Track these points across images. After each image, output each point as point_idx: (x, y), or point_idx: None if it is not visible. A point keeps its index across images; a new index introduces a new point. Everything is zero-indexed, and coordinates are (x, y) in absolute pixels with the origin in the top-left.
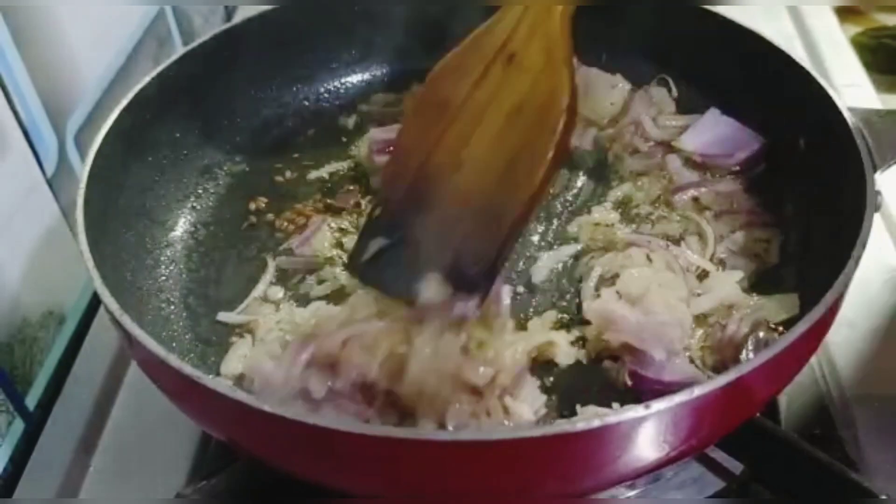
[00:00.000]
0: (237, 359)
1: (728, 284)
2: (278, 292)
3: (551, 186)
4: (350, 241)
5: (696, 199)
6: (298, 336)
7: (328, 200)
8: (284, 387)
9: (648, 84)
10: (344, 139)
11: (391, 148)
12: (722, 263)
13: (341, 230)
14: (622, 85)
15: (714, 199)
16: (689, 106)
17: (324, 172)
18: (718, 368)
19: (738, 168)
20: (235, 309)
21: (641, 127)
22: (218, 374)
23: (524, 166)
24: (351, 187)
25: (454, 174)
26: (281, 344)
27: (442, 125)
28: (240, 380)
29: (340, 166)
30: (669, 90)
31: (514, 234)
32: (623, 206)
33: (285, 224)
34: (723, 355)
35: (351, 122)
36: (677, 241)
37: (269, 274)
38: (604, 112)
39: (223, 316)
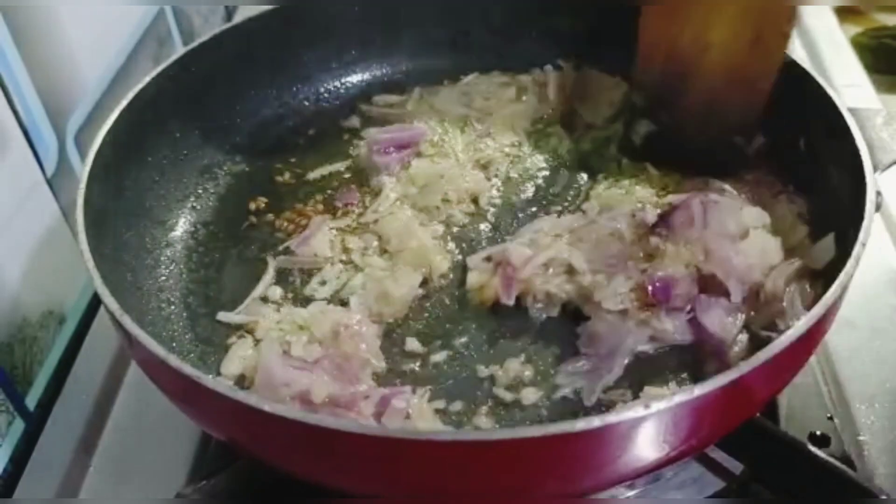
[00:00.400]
0: (237, 359)
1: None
2: (278, 292)
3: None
4: (350, 241)
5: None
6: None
7: (328, 200)
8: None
9: None
10: (344, 139)
11: (391, 148)
12: None
13: (340, 230)
14: (622, 86)
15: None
16: None
17: (324, 172)
18: (768, 328)
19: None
20: (236, 309)
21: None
22: (218, 374)
23: (766, 42)
24: (351, 187)
25: (704, 55)
26: (281, 343)
27: (683, 12)
28: (240, 380)
29: (340, 166)
30: None
31: (767, 95)
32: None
33: (285, 224)
34: (771, 312)
35: (351, 122)
36: None
37: (270, 274)
38: (604, 112)
39: (223, 316)
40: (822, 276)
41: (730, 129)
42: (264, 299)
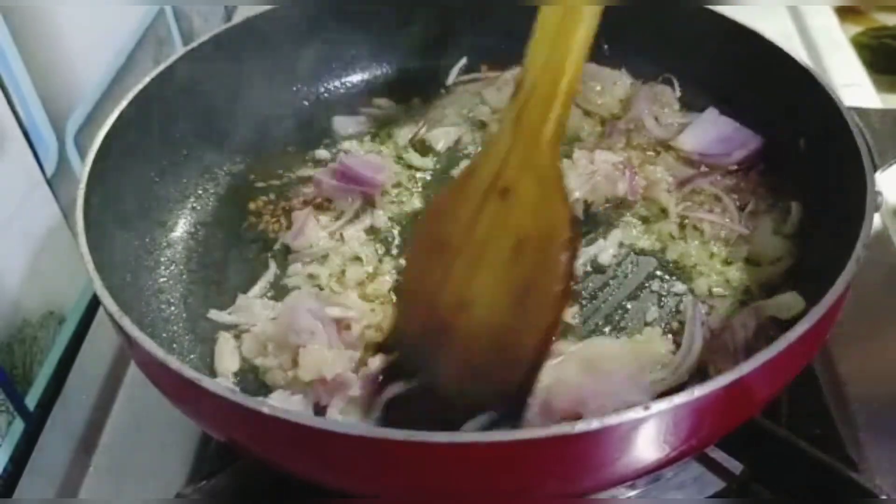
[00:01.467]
0: (229, 354)
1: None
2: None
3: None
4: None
5: (697, 193)
6: None
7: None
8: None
9: (648, 81)
10: (344, 139)
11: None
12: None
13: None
14: (625, 80)
15: (713, 200)
16: (688, 105)
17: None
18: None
19: (735, 168)
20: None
21: (642, 124)
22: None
23: (534, 300)
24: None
25: (464, 313)
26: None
27: (445, 264)
28: (236, 375)
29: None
30: (673, 88)
31: (537, 366)
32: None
33: (272, 221)
34: (735, 359)
35: (351, 121)
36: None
37: (271, 273)
38: (608, 106)
39: (214, 314)
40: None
41: (490, 397)
42: (261, 297)
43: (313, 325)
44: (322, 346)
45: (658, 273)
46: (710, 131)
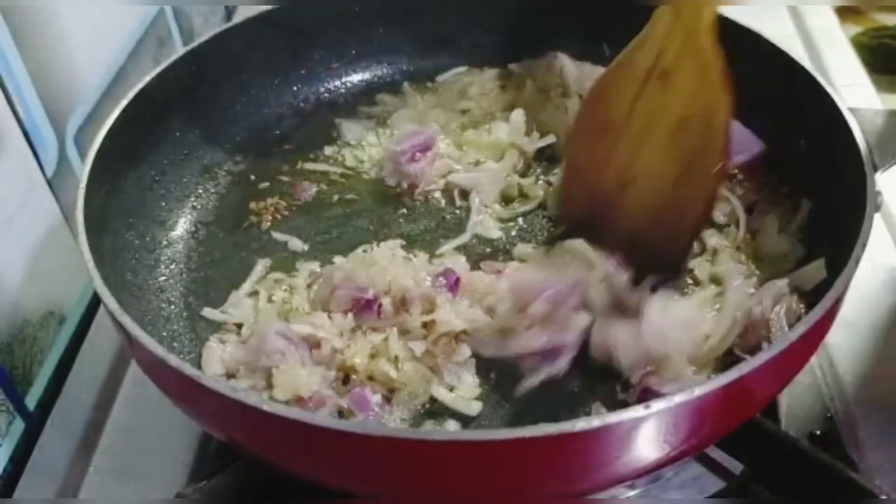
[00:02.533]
0: (216, 361)
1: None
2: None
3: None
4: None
5: None
6: None
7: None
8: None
9: None
10: (344, 139)
11: (417, 154)
12: None
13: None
14: None
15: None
16: None
17: (319, 168)
18: (756, 351)
19: (735, 171)
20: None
21: None
22: None
23: (694, 177)
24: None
25: (628, 191)
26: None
27: (607, 145)
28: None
29: (337, 168)
30: None
31: (692, 242)
32: None
33: (273, 221)
34: (758, 335)
35: (351, 121)
36: None
37: (258, 271)
38: None
39: (208, 312)
40: (810, 296)
41: (653, 267)
42: (252, 295)
43: (283, 346)
44: (295, 364)
45: None
46: None
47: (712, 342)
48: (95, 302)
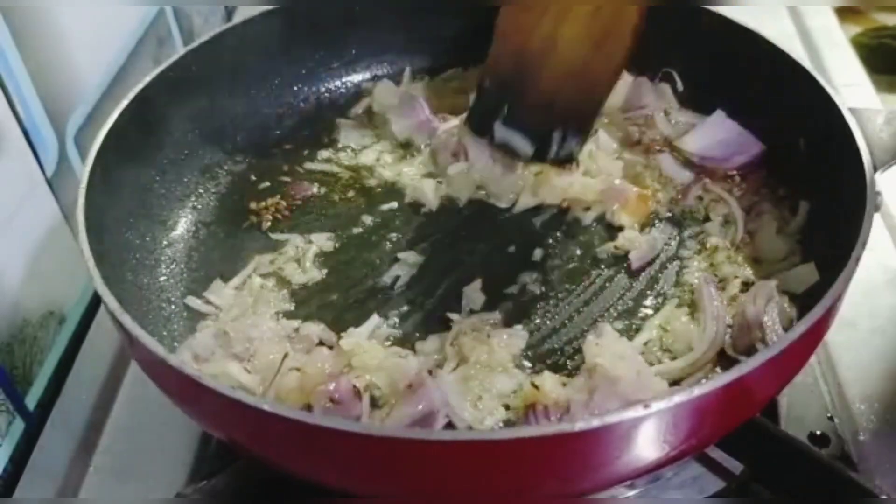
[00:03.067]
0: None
1: None
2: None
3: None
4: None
5: (699, 199)
6: None
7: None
8: None
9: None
10: (344, 139)
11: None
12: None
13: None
14: (625, 79)
15: (716, 203)
16: (688, 105)
17: (322, 168)
18: (750, 352)
19: (734, 172)
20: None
21: (652, 121)
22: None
23: (609, 47)
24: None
25: (551, 52)
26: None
27: (535, 15)
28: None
29: (337, 168)
30: (673, 85)
31: (603, 101)
32: None
33: (273, 221)
34: (750, 337)
35: (351, 121)
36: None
37: (250, 266)
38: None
39: (190, 301)
40: (802, 298)
41: (566, 123)
42: (238, 289)
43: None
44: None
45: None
46: (713, 134)
47: (695, 355)
48: (95, 302)
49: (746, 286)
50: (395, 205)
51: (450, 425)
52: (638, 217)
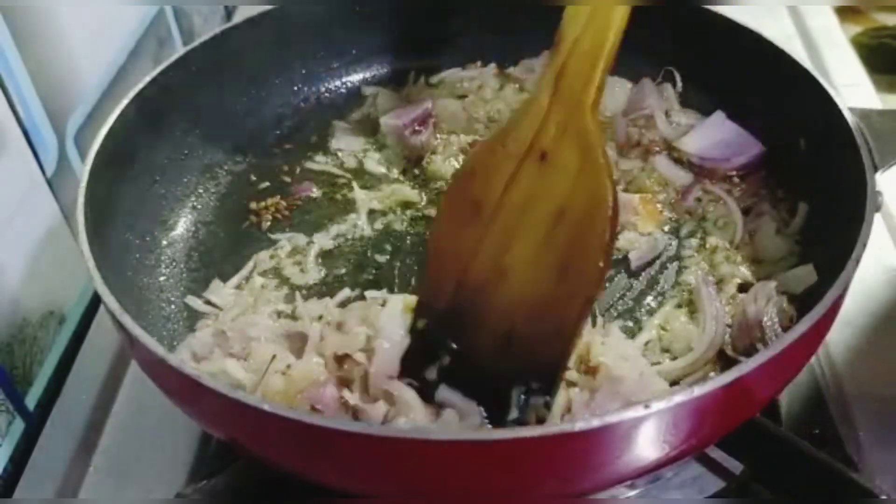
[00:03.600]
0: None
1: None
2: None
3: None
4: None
5: (698, 200)
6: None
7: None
8: None
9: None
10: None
11: (417, 126)
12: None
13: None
14: (622, 85)
15: (715, 203)
16: (688, 105)
17: (323, 167)
18: (749, 352)
19: (733, 173)
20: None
21: (652, 122)
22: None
23: (574, 273)
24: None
25: (499, 284)
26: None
27: (478, 229)
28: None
29: (337, 168)
30: (675, 85)
31: (574, 337)
32: None
33: (273, 221)
34: (750, 338)
35: (346, 125)
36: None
37: (249, 267)
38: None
39: (190, 300)
40: (800, 299)
41: (528, 376)
42: (238, 288)
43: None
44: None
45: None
46: (712, 135)
47: (695, 355)
48: (95, 302)
49: (745, 286)
50: (394, 204)
51: None
52: (655, 220)
